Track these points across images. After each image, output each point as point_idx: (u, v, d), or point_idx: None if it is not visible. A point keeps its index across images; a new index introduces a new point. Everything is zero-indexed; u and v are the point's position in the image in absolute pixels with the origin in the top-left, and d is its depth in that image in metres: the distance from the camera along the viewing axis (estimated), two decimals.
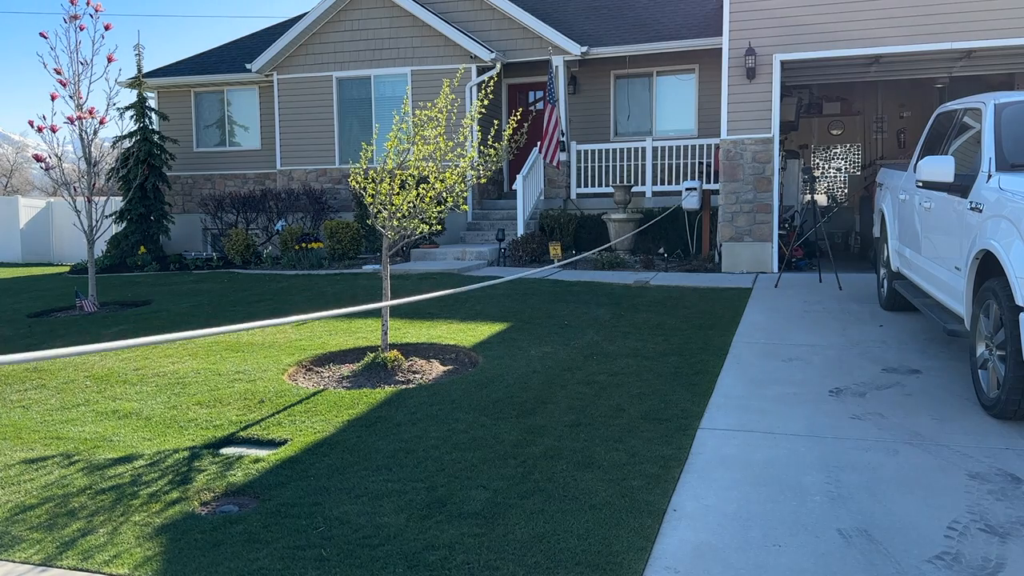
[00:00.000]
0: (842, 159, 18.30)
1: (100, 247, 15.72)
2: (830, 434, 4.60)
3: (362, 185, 6.60)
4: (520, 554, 3.26)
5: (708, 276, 11.35)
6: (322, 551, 3.35)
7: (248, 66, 16.33)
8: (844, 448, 4.37)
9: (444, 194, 6.66)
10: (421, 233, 6.70)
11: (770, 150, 11.85)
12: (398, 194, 6.52)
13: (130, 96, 29.09)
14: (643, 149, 14.78)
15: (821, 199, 17.99)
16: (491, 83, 8.53)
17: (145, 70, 16.67)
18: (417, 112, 6.76)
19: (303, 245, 13.86)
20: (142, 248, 15.36)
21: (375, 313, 8.61)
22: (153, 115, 16.24)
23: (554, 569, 3.14)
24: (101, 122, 10.30)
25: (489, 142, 7.16)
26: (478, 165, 7.32)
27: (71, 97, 10.06)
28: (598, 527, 3.48)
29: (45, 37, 9.78)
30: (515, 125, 8.53)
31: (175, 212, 17.02)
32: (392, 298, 6.54)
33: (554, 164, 14.48)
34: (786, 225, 12.76)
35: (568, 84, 15.57)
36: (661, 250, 13.46)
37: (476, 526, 3.52)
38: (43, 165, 10.29)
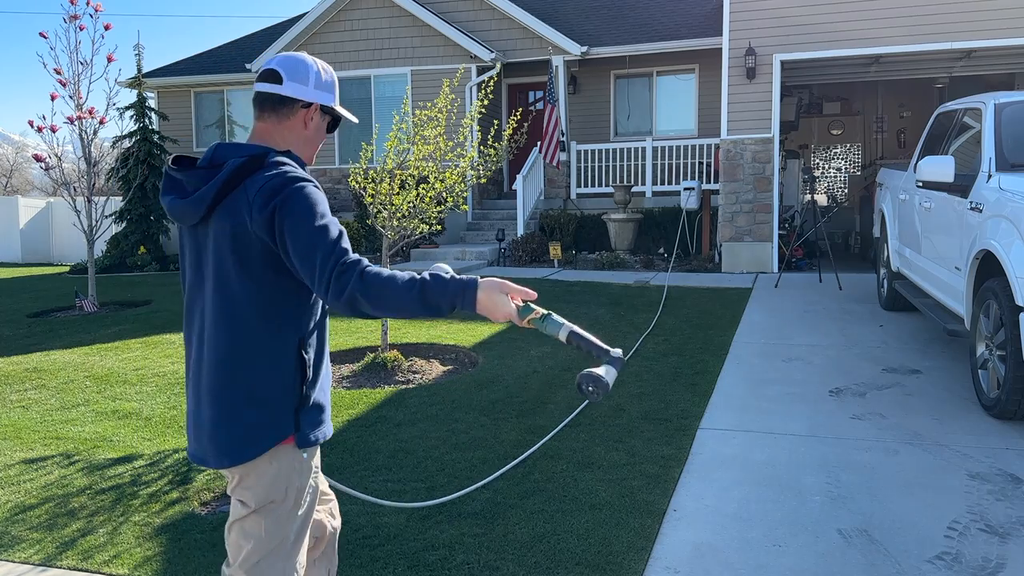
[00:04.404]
0: (842, 159, 18.29)
1: (100, 247, 15.71)
2: (830, 434, 4.60)
3: (362, 185, 6.60)
4: (520, 554, 3.26)
5: (708, 276, 11.35)
6: None
7: (248, 66, 16.32)
8: (844, 448, 4.37)
9: (444, 194, 6.66)
10: (421, 233, 6.70)
11: (770, 150, 11.85)
12: (398, 194, 6.52)
13: (130, 96, 29.16)
14: (643, 149, 14.78)
15: (821, 199, 17.98)
16: (491, 83, 8.53)
17: (145, 70, 16.67)
18: (417, 112, 6.77)
19: None
20: (142, 248, 15.35)
21: None
22: (153, 115, 16.23)
23: (554, 569, 3.14)
24: (101, 122, 10.30)
25: (489, 142, 7.16)
26: (478, 165, 7.32)
27: (71, 97, 10.05)
28: (598, 527, 3.48)
29: (45, 37, 9.77)
30: (515, 125, 8.54)
31: None
32: None
33: (554, 164, 14.47)
34: (786, 225, 12.76)
35: (568, 84, 15.57)
36: (661, 250, 13.46)
37: (476, 526, 3.52)
38: (43, 165, 10.28)
